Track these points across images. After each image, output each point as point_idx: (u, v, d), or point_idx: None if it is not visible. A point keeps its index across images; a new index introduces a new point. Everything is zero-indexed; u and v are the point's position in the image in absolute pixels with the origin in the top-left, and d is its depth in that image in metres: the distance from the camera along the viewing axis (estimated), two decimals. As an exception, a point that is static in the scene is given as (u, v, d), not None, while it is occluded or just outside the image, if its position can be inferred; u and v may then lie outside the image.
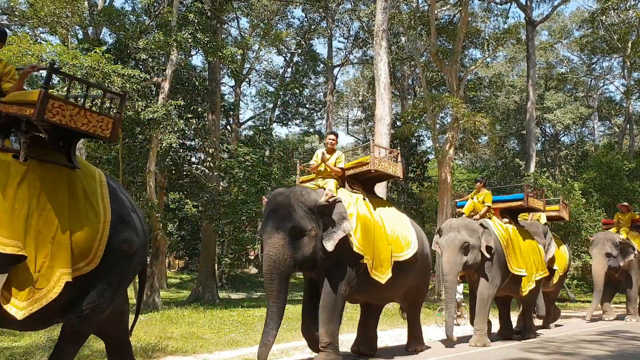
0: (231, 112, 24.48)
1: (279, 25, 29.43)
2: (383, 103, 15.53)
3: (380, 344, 8.87)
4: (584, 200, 19.58)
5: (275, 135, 29.36)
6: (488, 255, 8.69)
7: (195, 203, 20.70)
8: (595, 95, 37.27)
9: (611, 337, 10.04)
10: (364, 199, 7.28)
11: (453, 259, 8.66)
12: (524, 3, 25.80)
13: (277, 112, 29.52)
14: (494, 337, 9.60)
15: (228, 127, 25.10)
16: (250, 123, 30.09)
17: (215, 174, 18.08)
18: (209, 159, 18.13)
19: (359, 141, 37.55)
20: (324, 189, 6.87)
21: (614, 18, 27.69)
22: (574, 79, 35.49)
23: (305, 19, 30.68)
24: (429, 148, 29.61)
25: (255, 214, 17.93)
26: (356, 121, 38.29)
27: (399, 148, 25.97)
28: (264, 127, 26.35)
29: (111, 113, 4.49)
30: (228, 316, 12.57)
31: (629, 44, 27.10)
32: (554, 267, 11.59)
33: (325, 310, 6.49)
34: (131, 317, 5.41)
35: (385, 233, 7.11)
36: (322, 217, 6.42)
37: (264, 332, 5.92)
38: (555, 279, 11.88)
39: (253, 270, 31.46)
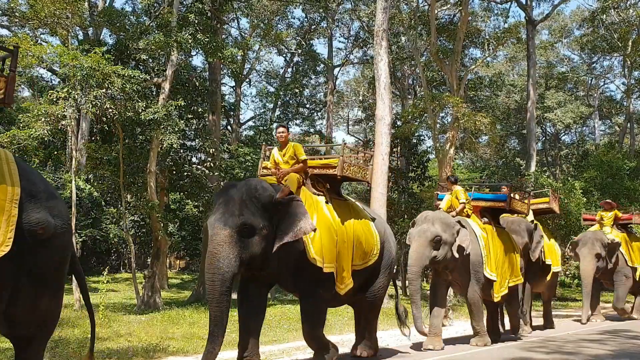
0: (232, 113, 24.49)
1: (279, 25, 29.42)
2: (383, 103, 15.53)
3: (382, 343, 8.87)
4: (585, 199, 19.57)
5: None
6: (457, 255, 8.26)
7: (196, 203, 20.68)
8: (595, 95, 37.25)
9: (612, 336, 10.05)
10: (327, 202, 6.65)
11: (421, 251, 8.25)
12: (524, 2, 25.80)
13: (277, 112, 29.52)
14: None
15: (228, 127, 25.10)
16: (250, 123, 30.12)
17: (216, 174, 18.08)
18: (210, 159, 18.13)
19: (359, 141, 37.53)
20: (283, 184, 6.26)
21: (614, 17, 27.67)
22: (574, 78, 35.47)
23: (306, 19, 30.66)
24: (430, 148, 29.57)
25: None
26: (357, 121, 38.25)
27: (399, 148, 26.02)
28: (265, 128, 26.34)
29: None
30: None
31: (630, 43, 27.07)
32: (547, 262, 11.38)
33: (307, 318, 6.20)
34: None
35: (348, 240, 6.57)
36: (276, 215, 5.82)
37: (209, 340, 5.43)
38: (549, 276, 11.64)
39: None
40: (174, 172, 18.12)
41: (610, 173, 22.55)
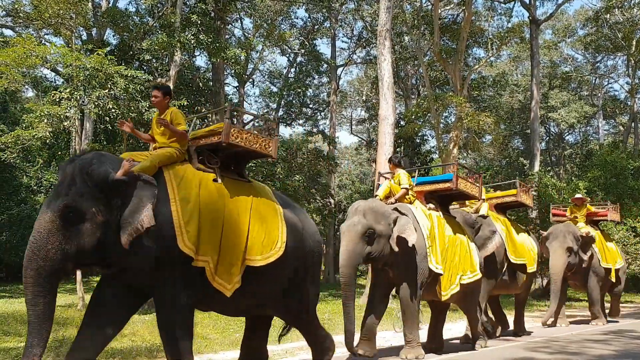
0: (235, 113, 24.51)
1: (282, 25, 29.47)
2: (387, 102, 15.53)
3: (385, 343, 8.87)
4: (589, 199, 19.51)
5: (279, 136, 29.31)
6: (397, 249, 6.96)
7: (200, 203, 20.75)
8: (599, 94, 37.18)
9: (616, 337, 10.02)
10: (216, 180, 5.32)
11: (352, 248, 6.93)
12: (528, 2, 25.75)
13: (280, 112, 29.57)
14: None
15: (232, 127, 25.13)
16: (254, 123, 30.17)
17: (219, 174, 18.11)
18: (213, 159, 18.16)
19: (362, 141, 37.58)
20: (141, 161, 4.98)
21: (618, 16, 27.64)
22: (578, 78, 35.41)
23: (309, 19, 30.71)
24: (433, 147, 29.58)
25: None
26: (360, 121, 38.29)
27: (403, 147, 26.00)
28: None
29: None
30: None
31: (634, 42, 27.01)
32: (519, 262, 9.93)
33: (168, 327, 4.80)
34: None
35: (240, 228, 5.25)
36: (116, 197, 4.58)
37: (24, 354, 4.22)
38: (524, 277, 10.24)
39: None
40: (177, 173, 18.16)
41: (614, 173, 22.48)
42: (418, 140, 27.91)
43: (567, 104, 33.88)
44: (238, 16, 25.14)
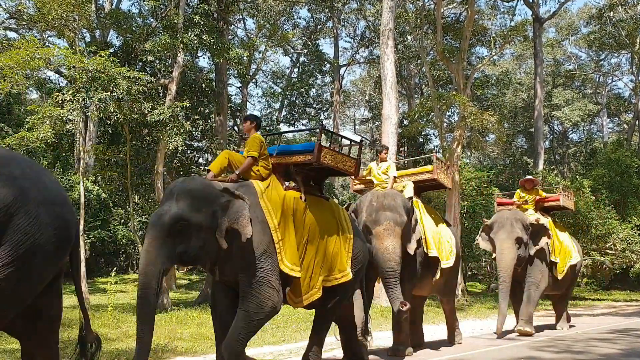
0: (238, 113, 24.56)
1: (285, 25, 29.52)
2: (390, 102, 15.52)
3: (387, 343, 8.84)
4: (593, 197, 19.46)
5: (282, 136, 29.37)
6: (225, 245, 4.96)
7: (203, 204, 20.79)
8: (603, 92, 37.10)
9: (622, 335, 9.97)
10: None
11: (155, 248, 4.82)
12: (531, 0, 25.70)
13: (284, 113, 29.61)
14: None
15: (235, 128, 25.16)
16: (257, 124, 30.16)
17: (223, 175, 18.15)
18: (216, 160, 18.21)
19: (365, 140, 37.53)
20: None
21: (622, 14, 27.55)
22: (582, 76, 35.34)
23: (311, 19, 30.73)
24: (437, 147, 29.55)
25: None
26: (363, 120, 38.30)
27: (406, 147, 26.00)
28: (271, 128, 26.38)
29: None
30: (237, 317, 12.55)
31: (637, 40, 26.96)
32: (432, 253, 7.94)
33: None
34: None
35: None
36: None
37: None
38: (437, 275, 8.07)
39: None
40: (181, 173, 18.18)
41: (618, 171, 22.44)
42: (421, 140, 27.89)
43: (570, 102, 33.81)
44: (241, 17, 25.16)
